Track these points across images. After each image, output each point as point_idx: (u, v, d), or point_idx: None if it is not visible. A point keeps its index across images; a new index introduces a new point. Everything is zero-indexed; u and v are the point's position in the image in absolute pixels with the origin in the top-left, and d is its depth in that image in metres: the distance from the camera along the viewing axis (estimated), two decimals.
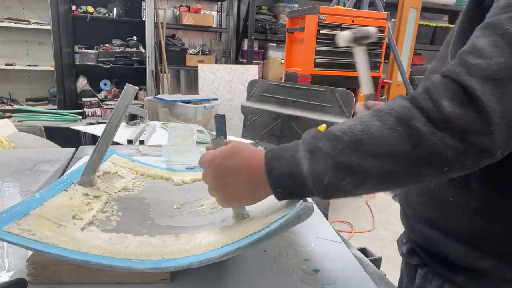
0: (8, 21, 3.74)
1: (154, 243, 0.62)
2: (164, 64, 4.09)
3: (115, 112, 0.75)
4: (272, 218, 0.59)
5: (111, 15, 4.06)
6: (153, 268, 0.55)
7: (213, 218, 0.74)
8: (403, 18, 4.80)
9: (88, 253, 0.56)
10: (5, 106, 3.87)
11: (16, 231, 0.55)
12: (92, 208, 0.72)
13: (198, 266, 0.54)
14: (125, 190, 0.87)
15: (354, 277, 0.64)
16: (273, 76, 4.49)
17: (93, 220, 0.68)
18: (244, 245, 0.55)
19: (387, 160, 0.48)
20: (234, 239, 0.58)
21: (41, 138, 2.28)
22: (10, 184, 0.86)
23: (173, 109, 3.07)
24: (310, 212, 0.55)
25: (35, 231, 0.56)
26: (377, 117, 0.50)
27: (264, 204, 0.68)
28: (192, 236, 0.65)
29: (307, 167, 0.52)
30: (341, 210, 3.14)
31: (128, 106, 0.75)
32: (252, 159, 0.58)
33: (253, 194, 0.60)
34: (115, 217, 0.72)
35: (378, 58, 3.24)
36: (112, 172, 0.93)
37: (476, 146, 0.46)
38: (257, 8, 4.50)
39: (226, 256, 0.54)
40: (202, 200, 0.86)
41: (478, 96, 0.45)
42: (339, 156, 0.50)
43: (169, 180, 1.00)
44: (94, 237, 0.62)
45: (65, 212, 0.66)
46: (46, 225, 0.60)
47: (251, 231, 0.59)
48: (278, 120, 2.85)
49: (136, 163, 1.05)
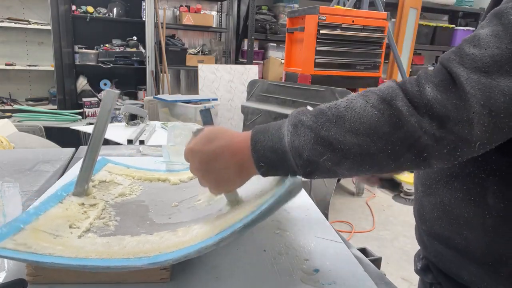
0: (8, 21, 3.74)
1: (151, 241, 0.62)
2: (164, 64, 4.09)
3: (98, 118, 0.74)
4: (263, 199, 0.59)
5: (111, 15, 4.06)
6: (151, 263, 0.55)
7: (210, 209, 0.74)
8: (403, 18, 4.80)
9: (85, 258, 0.56)
10: (5, 106, 3.87)
11: (12, 246, 0.55)
12: (88, 216, 0.71)
13: (195, 255, 0.54)
14: (122, 196, 0.86)
15: (354, 277, 0.64)
16: (273, 76, 4.49)
17: (90, 228, 0.67)
18: (239, 227, 0.54)
19: (366, 139, 0.47)
20: (229, 224, 0.58)
21: (41, 138, 2.28)
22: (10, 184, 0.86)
23: (173, 109, 3.07)
24: (299, 187, 0.54)
25: (30, 244, 0.56)
26: (363, 96, 0.49)
27: (256, 187, 0.68)
28: (189, 229, 0.64)
29: (288, 140, 0.52)
30: (341, 210, 3.14)
31: (110, 110, 0.74)
32: (235, 138, 0.57)
33: (240, 175, 0.57)
34: (113, 222, 0.71)
35: (378, 58, 3.24)
36: (108, 180, 0.91)
37: (453, 134, 0.44)
38: (257, 8, 4.49)
39: (223, 242, 0.54)
40: (200, 194, 0.86)
41: (462, 83, 0.44)
42: (320, 129, 0.49)
43: (166, 181, 1.00)
44: (91, 242, 0.61)
45: (61, 222, 0.65)
46: (42, 237, 0.59)
47: (245, 213, 0.58)
48: (278, 120, 2.85)
49: (132, 169, 1.03)
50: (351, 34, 3.08)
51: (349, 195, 3.51)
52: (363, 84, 3.33)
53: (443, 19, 5.74)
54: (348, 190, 3.60)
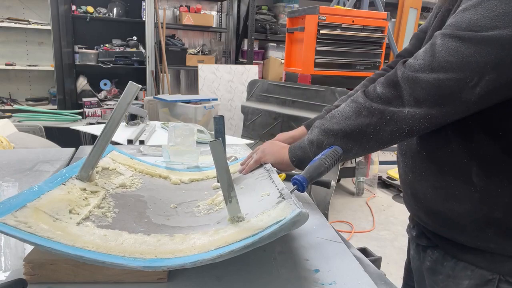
0: (8, 21, 3.74)
1: (148, 242, 0.62)
2: (164, 64, 4.09)
3: (117, 109, 0.76)
4: (267, 223, 0.59)
5: (111, 15, 4.06)
6: (146, 267, 0.55)
7: (209, 219, 0.75)
8: (403, 18, 4.80)
9: (82, 248, 0.56)
10: (5, 106, 3.87)
11: (13, 222, 0.55)
12: (89, 203, 0.72)
13: (191, 267, 0.54)
14: (123, 187, 0.87)
15: (354, 277, 0.64)
16: (273, 76, 4.49)
17: (89, 215, 0.68)
18: (238, 248, 0.55)
19: (344, 125, 0.76)
20: (228, 242, 0.59)
21: (41, 138, 2.28)
22: (9, 183, 0.86)
23: (173, 109, 3.07)
24: (304, 219, 0.56)
25: (31, 223, 0.56)
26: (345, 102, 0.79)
27: (259, 207, 0.69)
28: (187, 237, 0.65)
29: (307, 138, 0.85)
30: (341, 210, 3.15)
31: (130, 103, 0.76)
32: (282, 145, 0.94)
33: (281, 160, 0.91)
34: (111, 213, 0.72)
35: (378, 58, 3.24)
36: (111, 168, 0.93)
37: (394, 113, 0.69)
38: (257, 8, 4.50)
39: (220, 258, 0.55)
40: (199, 200, 0.86)
41: (398, 78, 0.68)
42: (321, 125, 0.82)
43: (167, 178, 1.00)
44: (89, 232, 0.62)
45: (62, 206, 0.66)
46: (42, 218, 0.60)
47: (246, 235, 0.59)
48: (278, 120, 2.86)
49: (135, 160, 1.05)
50: (351, 34, 3.08)
51: (349, 195, 3.51)
52: None
53: None
54: (348, 190, 3.61)
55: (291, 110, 2.83)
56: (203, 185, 0.98)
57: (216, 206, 0.81)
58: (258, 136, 2.98)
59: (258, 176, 0.90)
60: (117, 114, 0.76)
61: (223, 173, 0.67)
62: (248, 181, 0.91)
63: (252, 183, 0.88)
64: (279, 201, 0.68)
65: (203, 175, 1.05)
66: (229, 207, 0.68)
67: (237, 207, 0.68)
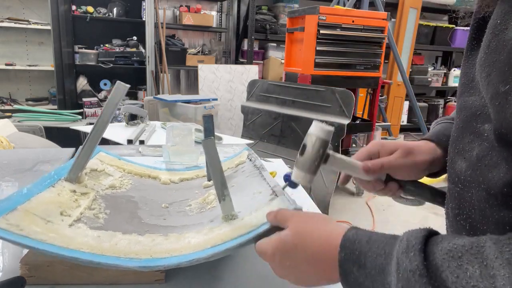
0: (8, 21, 3.74)
1: (143, 242, 0.62)
2: (164, 64, 4.09)
3: (105, 109, 0.75)
4: (261, 220, 0.59)
5: (111, 15, 4.06)
6: (142, 267, 0.55)
7: (202, 218, 0.74)
8: (403, 18, 4.80)
9: (77, 250, 0.55)
10: (5, 106, 3.87)
11: (4, 225, 0.54)
12: (79, 205, 0.71)
13: (187, 265, 0.54)
14: (112, 188, 0.86)
15: None
16: (273, 76, 4.49)
17: (80, 217, 0.67)
18: (233, 246, 0.55)
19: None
20: (223, 240, 0.59)
21: (41, 138, 2.28)
22: (9, 183, 0.86)
23: (173, 109, 3.07)
24: None
25: (23, 226, 0.56)
26: None
27: (252, 205, 0.69)
28: (181, 236, 0.65)
29: None
30: (341, 210, 3.14)
31: (118, 103, 0.75)
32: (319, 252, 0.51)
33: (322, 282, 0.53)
34: (103, 214, 0.72)
35: (378, 58, 3.24)
36: (99, 169, 0.92)
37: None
38: (257, 8, 4.49)
39: (215, 256, 0.55)
40: (190, 200, 0.86)
41: None
42: None
43: (156, 178, 1.00)
44: (82, 234, 0.61)
45: (52, 208, 0.65)
46: (34, 220, 0.59)
47: (240, 232, 0.59)
48: (278, 120, 2.85)
49: (123, 161, 1.04)
50: (351, 34, 3.07)
51: (349, 195, 3.51)
52: (363, 84, 3.33)
53: (443, 19, 5.75)
54: (348, 190, 3.60)
55: (291, 110, 2.82)
56: (193, 184, 0.98)
57: (208, 204, 0.81)
58: (258, 136, 2.98)
59: (248, 174, 0.89)
60: (106, 115, 0.75)
61: (217, 172, 0.66)
62: (239, 179, 0.91)
63: (243, 181, 0.88)
64: (272, 198, 0.68)
65: (193, 174, 1.04)
66: (222, 205, 0.68)
67: (231, 205, 0.68)
